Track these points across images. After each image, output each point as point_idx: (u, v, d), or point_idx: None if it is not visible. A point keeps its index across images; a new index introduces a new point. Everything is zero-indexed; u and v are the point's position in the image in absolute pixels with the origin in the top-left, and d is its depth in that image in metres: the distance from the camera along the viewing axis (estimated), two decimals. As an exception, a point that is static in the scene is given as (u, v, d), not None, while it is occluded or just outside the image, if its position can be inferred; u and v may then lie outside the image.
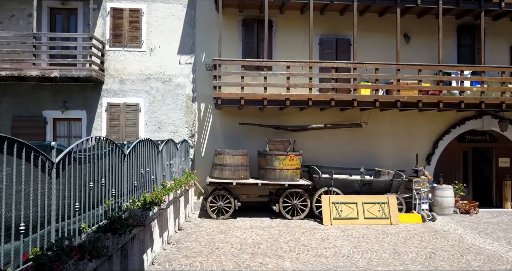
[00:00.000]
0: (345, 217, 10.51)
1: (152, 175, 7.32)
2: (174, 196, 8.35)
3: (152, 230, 6.77)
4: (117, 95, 12.08)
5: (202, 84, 12.12)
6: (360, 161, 12.22)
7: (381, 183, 11.24)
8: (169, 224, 8.33)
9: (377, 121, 12.57)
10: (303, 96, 11.11)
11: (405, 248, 8.28)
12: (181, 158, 10.51)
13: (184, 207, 10.29)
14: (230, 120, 12.20)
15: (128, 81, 12.13)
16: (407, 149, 12.69)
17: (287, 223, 10.46)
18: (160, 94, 12.18)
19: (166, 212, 7.93)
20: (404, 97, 11.33)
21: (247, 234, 9.21)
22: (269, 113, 12.28)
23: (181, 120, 12.23)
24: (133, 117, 11.98)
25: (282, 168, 10.93)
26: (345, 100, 11.33)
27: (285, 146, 11.12)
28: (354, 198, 10.77)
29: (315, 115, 12.37)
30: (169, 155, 8.84)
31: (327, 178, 10.96)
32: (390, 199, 10.84)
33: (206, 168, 11.72)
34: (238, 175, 10.91)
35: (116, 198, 5.35)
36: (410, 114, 12.65)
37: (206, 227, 9.90)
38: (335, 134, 12.46)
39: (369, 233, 9.52)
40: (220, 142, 12.16)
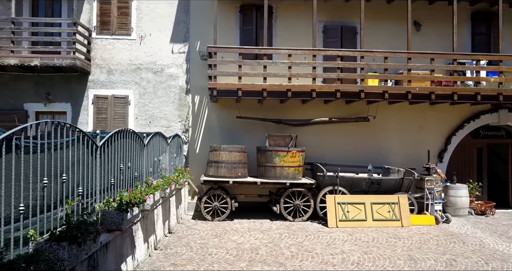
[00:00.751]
0: (352, 218, 9.60)
1: (135, 172, 6.41)
2: (162, 195, 7.44)
3: (133, 235, 5.86)
4: (105, 87, 11.17)
5: (197, 75, 11.22)
6: (367, 158, 11.31)
7: (390, 182, 10.33)
8: (157, 227, 7.43)
9: (385, 115, 11.66)
10: (306, 87, 10.19)
11: (421, 254, 7.38)
12: (172, 154, 9.61)
13: (175, 208, 9.38)
14: (226, 114, 11.30)
15: (116, 71, 11.22)
16: (418, 145, 11.78)
17: (289, 225, 9.55)
18: (151, 86, 11.28)
19: (152, 213, 7.02)
20: (415, 89, 10.42)
21: (244, 238, 8.30)
22: (269, 107, 11.36)
23: (173, 114, 11.32)
24: (122, 111, 11.07)
25: (283, 165, 10.02)
26: (351, 91, 10.42)
27: (287, 141, 10.22)
28: (362, 198, 9.86)
29: (319, 109, 11.46)
30: (157, 150, 7.93)
31: (332, 176, 10.05)
32: (401, 199, 9.93)
33: (201, 166, 10.81)
34: (235, 173, 10.01)
35: (85, 197, 4.44)
36: (420, 108, 11.74)
37: (199, 229, 8.99)
38: (340, 130, 11.55)
39: (379, 237, 8.62)
40: (216, 138, 11.25)
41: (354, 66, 10.58)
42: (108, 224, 4.79)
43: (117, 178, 5.55)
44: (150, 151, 7.34)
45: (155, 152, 7.76)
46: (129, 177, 6.12)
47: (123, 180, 5.80)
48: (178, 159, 10.54)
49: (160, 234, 7.72)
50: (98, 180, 4.87)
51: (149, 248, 6.85)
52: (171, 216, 8.81)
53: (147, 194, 6.08)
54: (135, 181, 6.30)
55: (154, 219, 7.15)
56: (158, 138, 8.05)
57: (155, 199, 6.40)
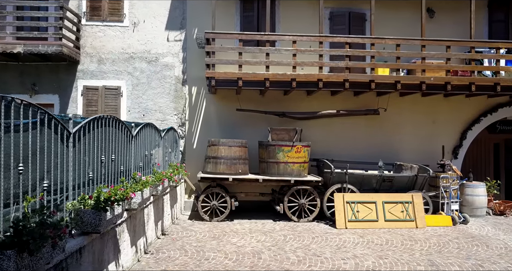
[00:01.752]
0: (362, 219, 8.81)
1: (121, 166, 5.63)
2: (154, 193, 6.66)
3: (117, 238, 5.08)
4: (95, 77, 10.39)
5: (194, 65, 10.43)
6: (376, 154, 10.51)
7: (403, 179, 9.54)
8: (147, 228, 6.65)
9: (396, 108, 10.86)
10: (312, 77, 9.41)
11: (442, 259, 6.59)
12: (167, 149, 8.83)
13: (170, 207, 8.60)
14: (226, 107, 10.51)
15: (107, 61, 10.44)
16: (431, 140, 10.98)
17: (294, 226, 8.77)
18: (145, 76, 10.49)
19: (141, 213, 6.24)
20: (430, 79, 9.62)
21: (245, 240, 7.52)
22: (272, 99, 10.58)
23: (169, 107, 10.53)
24: (113, 103, 10.30)
25: (287, 161, 9.24)
26: (361, 81, 9.63)
27: (291, 135, 9.43)
28: (373, 197, 9.07)
29: (325, 101, 10.67)
30: (148, 143, 7.15)
31: (341, 173, 9.26)
32: (415, 197, 9.14)
33: (199, 162, 10.03)
34: (235, 170, 9.22)
35: (52, 193, 3.66)
36: (434, 100, 10.95)
37: (196, 231, 8.21)
38: (348, 124, 10.76)
39: (393, 239, 7.83)
40: (215, 132, 10.47)
41: (363, 54, 9.79)
42: (83, 225, 4.01)
43: (97, 171, 4.77)
44: (139, 143, 6.56)
45: (145, 145, 6.98)
46: (114, 172, 5.35)
47: (105, 174, 5.02)
48: (174, 154, 9.76)
49: (151, 236, 6.94)
50: (72, 173, 4.08)
51: (138, 252, 6.07)
52: (165, 216, 8.04)
53: (134, 191, 5.30)
54: (120, 176, 5.52)
55: (143, 220, 6.37)
56: (150, 129, 7.27)
57: (143, 196, 5.62)
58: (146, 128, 6.96)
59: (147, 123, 7.04)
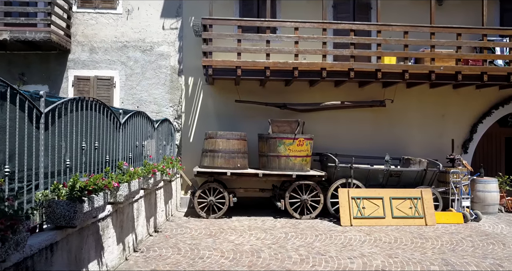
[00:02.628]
0: (368, 216, 8.29)
1: (106, 155, 5.12)
2: (144, 186, 6.16)
3: (100, 234, 4.57)
4: (87, 67, 9.88)
5: (191, 54, 9.92)
6: (382, 148, 9.99)
7: (412, 174, 9.01)
8: (137, 224, 6.13)
9: (403, 101, 10.34)
10: (315, 66, 8.89)
11: (457, 258, 6.07)
12: (161, 141, 8.32)
13: (164, 203, 8.10)
14: (224, 99, 9.99)
15: (100, 50, 9.93)
16: (439, 133, 10.46)
17: (295, 224, 8.26)
18: (139, 66, 9.98)
19: (130, 208, 5.73)
20: (440, 68, 9.10)
21: (244, 238, 7.01)
22: (273, 90, 10.06)
23: (164, 98, 10.02)
24: (106, 94, 9.79)
25: (289, 154, 8.73)
26: (367, 71, 9.11)
27: (293, 128, 8.92)
28: (380, 192, 8.55)
29: (329, 93, 10.15)
30: (139, 132, 6.64)
31: (346, 167, 8.74)
32: (425, 193, 8.61)
33: (195, 156, 9.51)
34: (234, 164, 8.71)
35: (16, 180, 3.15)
36: (442, 92, 10.42)
37: (191, 228, 7.70)
38: (353, 116, 10.24)
39: (402, 237, 7.31)
40: (213, 125, 9.95)
41: (369, 42, 9.29)
42: (56, 218, 3.51)
43: (76, 159, 4.25)
44: (128, 132, 6.05)
45: (136, 135, 6.47)
46: (98, 161, 4.84)
47: (86, 163, 4.51)
48: (169, 148, 9.25)
49: (142, 233, 6.43)
50: (44, 159, 3.57)
51: (126, 250, 5.56)
52: (158, 212, 7.53)
53: (120, 182, 4.79)
54: (106, 166, 5.00)
55: (132, 215, 5.86)
56: (141, 118, 6.75)
57: (131, 189, 5.11)
58: (136, 116, 6.45)
59: (138, 111, 6.53)
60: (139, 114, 6.63)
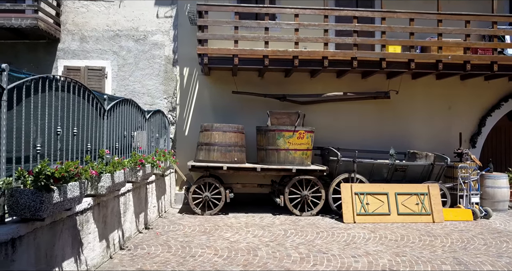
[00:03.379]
0: (372, 212, 7.84)
1: (88, 143, 4.67)
2: (132, 179, 5.72)
3: (78, 229, 4.13)
4: (77, 57, 9.44)
5: (186, 43, 9.47)
6: (387, 141, 9.54)
7: (418, 168, 8.56)
8: (124, 220, 5.69)
9: (408, 92, 9.88)
10: (317, 54, 8.43)
11: (470, 257, 5.61)
12: (153, 133, 7.87)
13: (156, 198, 7.65)
14: (221, 90, 9.55)
15: (91, 39, 9.48)
16: (446, 127, 10.00)
17: (295, 221, 7.81)
18: (132, 56, 9.54)
19: (115, 202, 5.28)
20: (448, 57, 8.64)
21: (240, 235, 6.56)
22: (272, 81, 9.61)
23: (158, 90, 9.58)
24: (97, 85, 9.34)
25: (289, 148, 8.28)
26: (370, 60, 8.66)
27: (292, 120, 8.46)
28: (384, 188, 8.10)
29: (330, 84, 9.69)
30: (128, 122, 6.19)
31: (348, 161, 8.28)
32: (432, 189, 8.16)
33: (191, 151, 9.05)
34: (231, 157, 8.26)
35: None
36: (449, 84, 9.96)
37: (185, 225, 7.25)
38: (356, 109, 9.78)
39: (409, 234, 6.86)
40: (209, 117, 9.51)
41: (373, 29, 8.84)
42: (19, 209, 3.06)
43: (49, 145, 3.80)
44: (115, 121, 5.60)
45: (124, 124, 6.02)
46: (77, 149, 4.39)
47: (62, 149, 4.06)
48: (163, 141, 8.81)
49: (130, 229, 5.98)
50: (5, 142, 3.13)
51: (111, 247, 5.11)
52: (149, 208, 7.08)
53: (102, 172, 4.34)
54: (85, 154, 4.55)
55: (118, 210, 5.41)
56: (130, 107, 6.30)
57: (115, 181, 4.66)
58: (124, 104, 6.00)
59: (126, 99, 6.08)
60: (127, 102, 6.17)
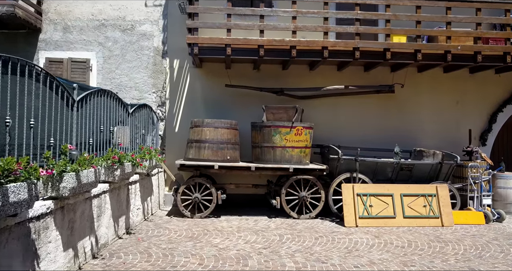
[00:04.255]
0: (376, 215, 7.21)
1: (51, 138, 4.05)
2: (109, 179, 5.11)
3: (33, 237, 3.51)
4: (60, 48, 8.83)
5: (176, 34, 8.84)
6: (390, 139, 8.93)
7: (425, 167, 7.93)
8: (99, 225, 5.06)
9: (413, 86, 9.26)
10: (316, 44, 7.81)
11: (487, 266, 4.99)
12: (139, 129, 7.26)
13: (141, 200, 7.03)
14: (214, 83, 8.93)
15: (75, 29, 8.87)
16: (454, 123, 9.37)
17: (293, 224, 7.18)
18: (118, 47, 8.92)
19: (86, 205, 4.66)
20: (457, 48, 8.01)
21: (230, 241, 5.93)
22: (268, 74, 8.99)
23: (147, 83, 8.96)
24: (81, 78, 8.73)
25: (285, 145, 7.65)
26: (374, 50, 8.03)
27: (290, 115, 7.84)
28: (389, 188, 7.47)
29: (331, 77, 9.07)
30: (105, 116, 5.57)
31: (350, 160, 7.65)
32: (440, 189, 7.53)
33: (181, 148, 8.42)
34: (223, 156, 7.64)
35: None
36: (458, 77, 9.33)
37: (171, 229, 6.63)
38: (357, 104, 9.15)
39: (417, 240, 6.23)
40: (201, 113, 8.89)
41: (377, 17, 8.22)
42: None
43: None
44: (88, 113, 4.98)
45: (101, 118, 5.40)
46: (35, 144, 3.77)
47: (14, 144, 3.44)
48: (150, 138, 8.19)
49: (107, 235, 5.36)
50: None
51: (80, 256, 4.49)
52: (132, 211, 6.46)
53: (63, 171, 3.72)
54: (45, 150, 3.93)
55: (91, 214, 4.79)
56: (108, 99, 5.68)
57: (82, 180, 4.04)
58: (100, 96, 5.38)
59: (102, 90, 5.46)
60: (105, 93, 5.55)
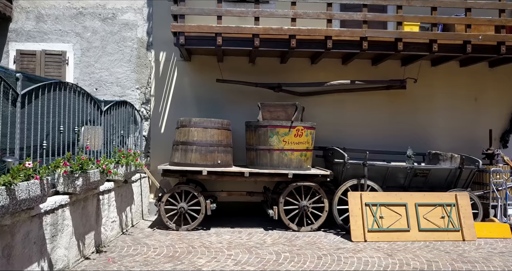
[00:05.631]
0: (388, 228, 6.29)
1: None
2: (69, 190, 4.20)
3: None
4: (33, 39, 7.92)
5: (162, 23, 7.92)
6: (400, 140, 8.04)
7: (443, 173, 6.99)
8: (55, 246, 4.15)
9: (426, 81, 8.34)
10: (318, 33, 6.89)
11: (529, 298, 4.06)
12: (115, 130, 6.35)
13: (118, 211, 6.12)
14: (204, 78, 8.02)
15: (49, 18, 7.97)
16: (471, 123, 8.44)
17: (292, 238, 6.26)
18: (98, 39, 8.01)
19: (33, 225, 3.74)
20: (478, 38, 7.09)
21: (218, 262, 5.01)
22: (265, 68, 8.08)
23: (130, 78, 8.05)
24: (56, 73, 7.83)
25: (284, 148, 6.73)
26: (384, 41, 7.11)
27: (289, 113, 6.92)
28: (402, 197, 6.54)
29: (334, 72, 8.15)
30: (67, 114, 4.66)
31: (358, 165, 6.72)
32: (460, 198, 6.60)
33: (168, 151, 7.46)
34: (213, 159, 6.73)
35: None
36: (476, 72, 8.41)
37: (151, 245, 5.71)
38: (364, 101, 8.23)
39: (437, 259, 5.30)
40: (190, 111, 7.99)
41: (386, 3, 7.27)
42: None
43: None
44: (41, 111, 4.07)
45: (60, 117, 4.49)
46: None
47: None
48: (132, 140, 7.29)
49: (67, 257, 4.44)
50: None
51: (24, 290, 3.57)
52: (104, 225, 5.54)
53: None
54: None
55: (41, 234, 3.88)
56: (71, 94, 4.77)
57: (16, 196, 3.13)
58: (59, 89, 4.46)
59: (61, 82, 4.54)
60: (66, 87, 4.64)
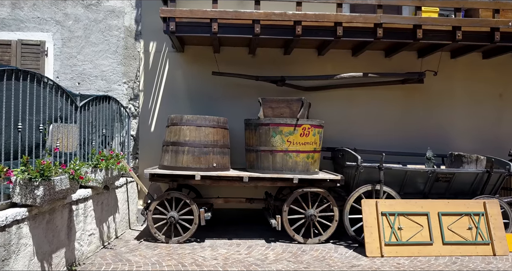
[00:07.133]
0: (408, 241, 5.47)
1: None
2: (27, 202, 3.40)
3: None
4: (7, 28, 7.11)
5: (152, 10, 7.10)
6: (418, 141, 7.24)
7: (468, 177, 6.16)
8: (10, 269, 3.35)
9: (445, 75, 7.52)
10: (327, 19, 6.07)
11: None
12: (95, 129, 5.54)
13: (96, 222, 5.31)
14: (199, 71, 7.21)
15: (26, 4, 7.15)
16: (496, 121, 7.63)
17: (298, 253, 5.44)
18: (81, 27, 7.20)
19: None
20: (508, 24, 6.27)
21: (211, 285, 4.21)
22: (266, 59, 7.27)
23: (116, 71, 7.23)
24: (34, 65, 7.02)
25: (288, 149, 5.92)
26: (401, 28, 6.29)
27: (294, 110, 6.10)
28: (423, 205, 5.72)
29: (344, 63, 7.34)
30: (29, 109, 3.85)
31: (372, 168, 5.90)
32: (490, 206, 5.79)
33: (159, 152, 6.67)
34: (207, 162, 5.91)
35: None
36: (501, 64, 7.59)
37: (134, 263, 4.90)
38: (377, 97, 7.42)
39: (470, 281, 4.50)
40: (183, 107, 7.18)
41: (404, -15, 6.45)
42: None
43: None
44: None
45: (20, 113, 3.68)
46: None
47: None
48: (117, 140, 6.49)
49: (26, 284, 3.64)
50: None
51: None
52: (78, 240, 4.74)
53: None
54: None
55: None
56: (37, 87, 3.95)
57: None
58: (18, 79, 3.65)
59: (19, 69, 3.73)
60: (27, 76, 3.82)
